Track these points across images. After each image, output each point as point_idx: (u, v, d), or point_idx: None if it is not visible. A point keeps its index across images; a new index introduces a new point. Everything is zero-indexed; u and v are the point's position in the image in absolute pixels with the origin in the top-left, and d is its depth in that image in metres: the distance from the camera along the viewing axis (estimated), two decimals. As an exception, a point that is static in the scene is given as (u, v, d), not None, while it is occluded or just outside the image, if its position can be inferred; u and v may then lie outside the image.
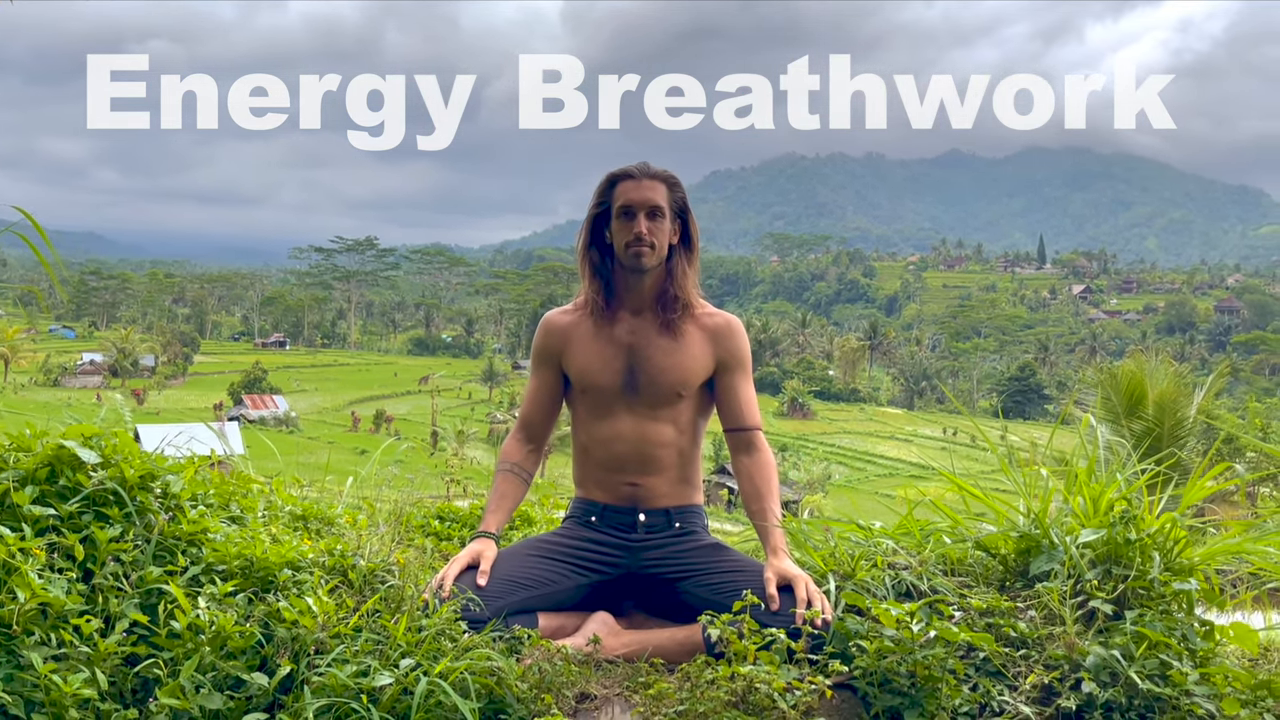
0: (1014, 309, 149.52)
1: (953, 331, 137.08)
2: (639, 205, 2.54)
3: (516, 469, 2.65)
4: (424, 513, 3.41)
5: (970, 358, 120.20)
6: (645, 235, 2.52)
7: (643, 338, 2.58)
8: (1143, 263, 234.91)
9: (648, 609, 2.54)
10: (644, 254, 2.53)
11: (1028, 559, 2.51)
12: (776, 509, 2.50)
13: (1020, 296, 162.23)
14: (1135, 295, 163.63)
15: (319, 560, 2.41)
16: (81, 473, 2.29)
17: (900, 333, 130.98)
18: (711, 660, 2.07)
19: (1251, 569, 2.57)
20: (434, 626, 2.11)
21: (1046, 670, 2.14)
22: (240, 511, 2.70)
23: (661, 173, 2.59)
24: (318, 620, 2.10)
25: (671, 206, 2.58)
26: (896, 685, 2.08)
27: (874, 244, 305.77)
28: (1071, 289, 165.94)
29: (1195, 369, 40.30)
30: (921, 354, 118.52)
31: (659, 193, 2.56)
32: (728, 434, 2.64)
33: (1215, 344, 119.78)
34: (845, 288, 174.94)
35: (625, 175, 2.58)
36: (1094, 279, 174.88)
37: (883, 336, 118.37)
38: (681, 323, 2.58)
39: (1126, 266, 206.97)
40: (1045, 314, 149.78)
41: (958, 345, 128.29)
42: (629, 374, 2.57)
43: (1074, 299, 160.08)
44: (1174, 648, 2.13)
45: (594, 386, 2.60)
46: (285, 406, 70.24)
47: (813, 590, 2.28)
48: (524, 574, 2.40)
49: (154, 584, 2.19)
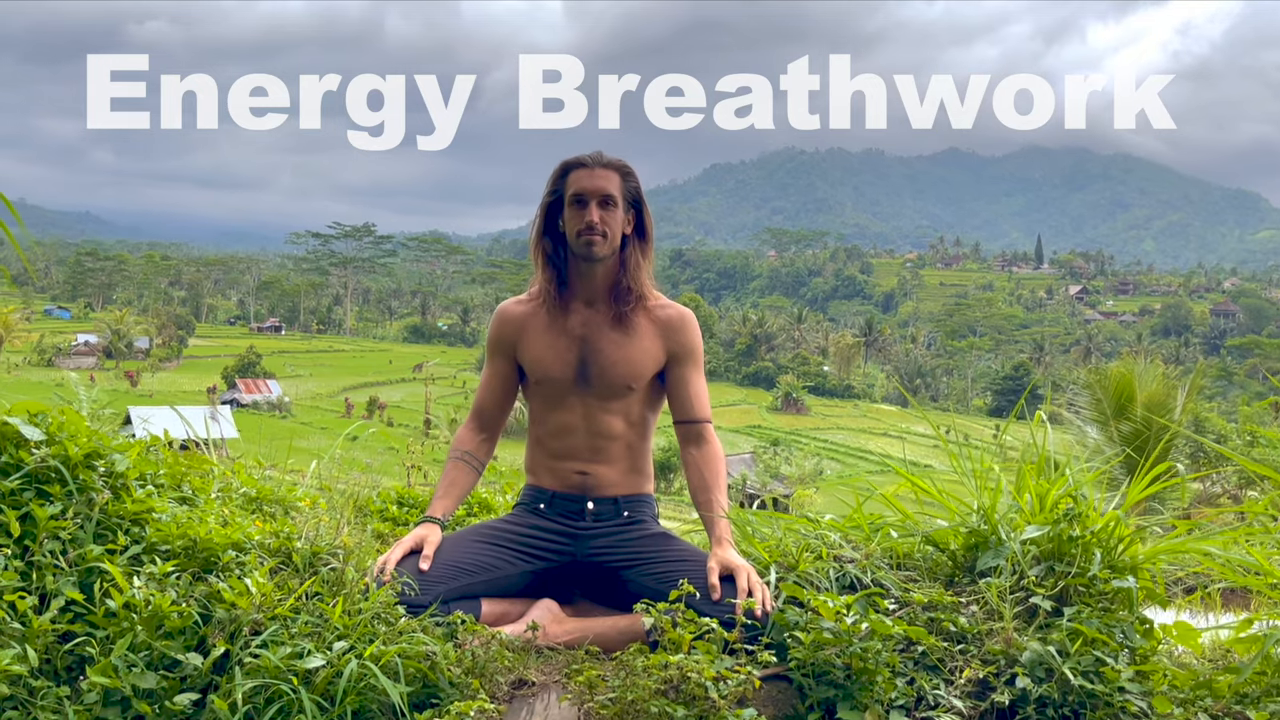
0: (1010, 308, 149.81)
1: (948, 330, 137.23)
2: (591, 194, 2.53)
3: (468, 457, 2.65)
4: (383, 497, 3.40)
5: (966, 356, 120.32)
6: (597, 224, 2.51)
7: (595, 330, 2.58)
8: (1140, 264, 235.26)
9: (594, 597, 2.54)
10: (595, 242, 2.52)
11: (976, 554, 2.52)
12: (723, 500, 2.50)
13: (1017, 296, 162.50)
14: (1131, 297, 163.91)
15: (263, 542, 2.41)
16: (24, 450, 2.28)
17: (896, 330, 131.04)
18: (646, 649, 2.07)
19: (1199, 569, 2.57)
20: (370, 609, 2.10)
21: (983, 665, 2.14)
22: (191, 492, 2.70)
23: (615, 162, 2.58)
24: (255, 601, 2.10)
25: (625, 196, 2.57)
26: (832, 677, 2.08)
27: (872, 240, 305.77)
28: (1068, 289, 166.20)
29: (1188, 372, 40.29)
30: (917, 351, 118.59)
31: (611, 181, 2.55)
32: (677, 425, 2.64)
33: (1210, 347, 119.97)
34: (842, 284, 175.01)
35: (578, 164, 2.57)
36: (1091, 280, 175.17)
37: (878, 333, 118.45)
38: (634, 315, 2.58)
39: (1123, 268, 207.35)
40: (1041, 314, 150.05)
41: (953, 344, 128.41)
42: (581, 366, 2.57)
43: (1070, 299, 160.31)
44: (1110, 645, 2.13)
45: (546, 378, 2.59)
46: (279, 391, 70.19)
47: (754, 581, 2.28)
48: (468, 559, 2.40)
49: (93, 562, 2.18)
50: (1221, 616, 2.70)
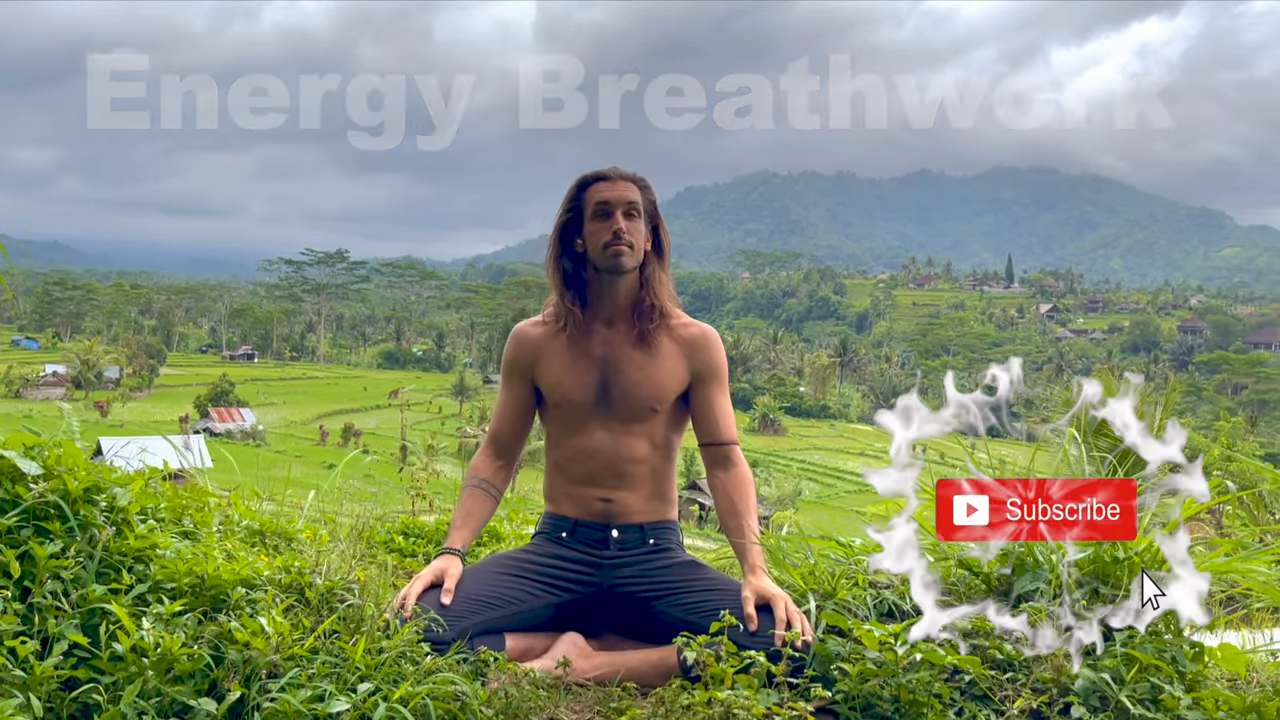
0: (982, 327, 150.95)
1: (922, 349, 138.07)
2: (615, 203, 2.45)
3: (485, 485, 2.54)
4: (388, 528, 3.29)
5: (939, 375, 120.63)
6: (624, 232, 2.43)
7: (616, 350, 2.49)
8: (1108, 282, 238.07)
9: (620, 629, 2.43)
10: (623, 253, 2.43)
11: (1011, 578, 2.44)
12: (754, 525, 2.40)
13: (988, 315, 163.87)
14: (1101, 315, 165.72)
15: (274, 578, 2.30)
16: (21, 484, 2.16)
17: (870, 350, 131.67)
18: (688, 684, 1.97)
19: (1239, 590, 2.51)
20: (394, 648, 1.99)
21: (1034, 694, 2.06)
22: (194, 526, 2.58)
23: (633, 175, 2.50)
24: (270, 642, 1.98)
25: (645, 209, 2.49)
26: (880, 710, 1.99)
27: (845, 261, 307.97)
28: (1039, 308, 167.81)
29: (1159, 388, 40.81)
30: (891, 371, 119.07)
31: (634, 192, 2.47)
32: (703, 448, 2.54)
33: (1179, 363, 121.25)
34: (816, 305, 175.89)
35: (598, 177, 2.49)
36: (1061, 298, 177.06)
37: (853, 353, 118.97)
38: (656, 334, 2.49)
39: (1092, 286, 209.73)
40: (1013, 332, 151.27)
41: (927, 363, 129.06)
42: (602, 388, 2.47)
43: (1041, 318, 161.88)
44: (1164, 670, 2.06)
45: (567, 401, 2.50)
46: (252, 420, 69.42)
47: (792, 610, 2.18)
48: (490, 593, 2.29)
49: (96, 603, 2.06)
50: (1259, 637, 2.63)
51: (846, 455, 77.34)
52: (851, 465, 71.48)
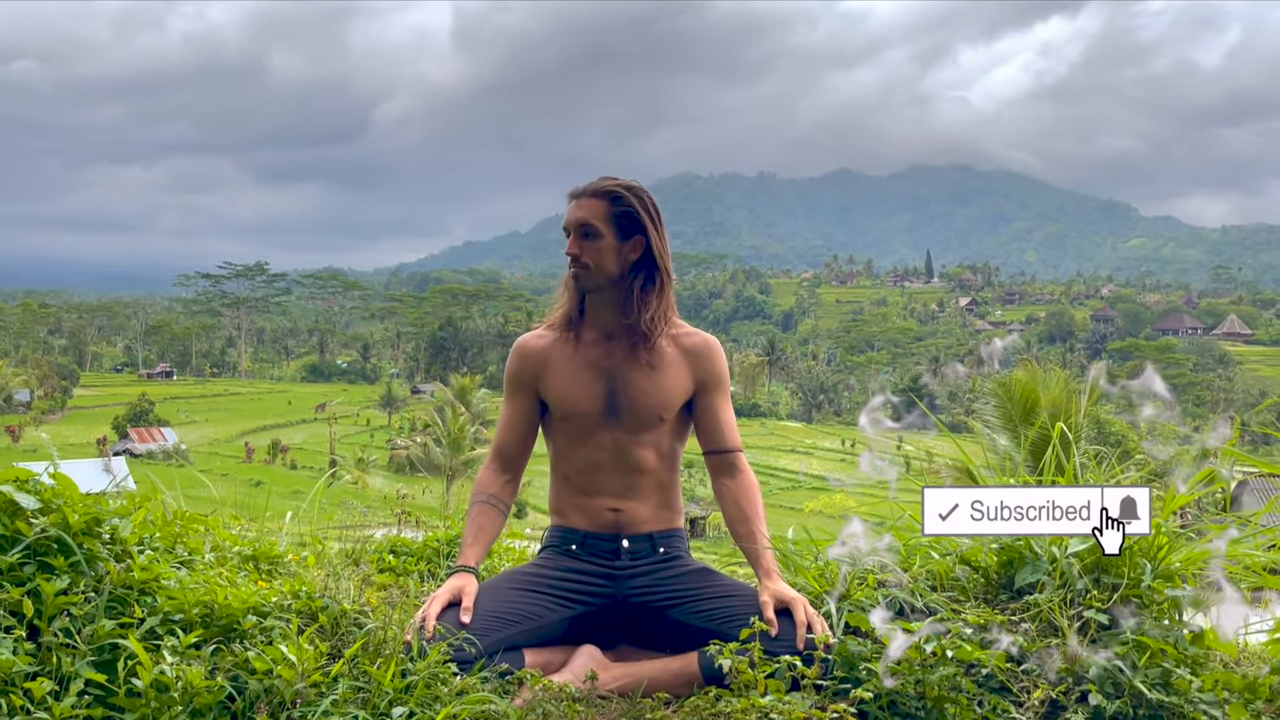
0: (904, 322, 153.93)
1: (847, 345, 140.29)
2: (570, 225, 2.48)
3: (494, 500, 2.52)
4: (375, 547, 3.24)
5: (865, 370, 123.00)
6: (578, 255, 2.45)
7: (621, 361, 2.49)
8: (1023, 275, 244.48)
9: (634, 640, 2.43)
10: (579, 275, 2.46)
11: (1010, 570, 2.50)
12: (765, 531, 2.43)
13: (910, 310, 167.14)
14: (1018, 306, 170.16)
15: (283, 604, 2.25)
16: (20, 519, 2.09)
17: (797, 348, 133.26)
18: (724, 692, 1.98)
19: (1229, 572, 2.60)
20: (423, 670, 1.97)
21: (1050, 684, 2.11)
22: (188, 554, 2.52)
23: (604, 187, 2.47)
24: (297, 669, 1.95)
25: (612, 222, 2.46)
26: (906, 708, 2.03)
27: (769, 261, 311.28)
28: (958, 301, 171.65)
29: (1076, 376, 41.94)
30: (818, 368, 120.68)
31: (593, 210, 2.45)
32: (708, 456, 2.56)
33: (1093, 351, 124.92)
34: (742, 305, 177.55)
35: (571, 194, 2.51)
36: (979, 291, 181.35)
37: (780, 352, 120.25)
38: (659, 344, 2.50)
39: (1008, 279, 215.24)
40: (934, 326, 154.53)
41: (852, 359, 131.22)
42: (610, 398, 2.47)
43: (961, 311, 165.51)
44: (1172, 654, 2.13)
45: (575, 412, 2.49)
46: (174, 439, 67.48)
47: (811, 613, 2.21)
48: (508, 609, 2.28)
49: (107, 638, 2.00)
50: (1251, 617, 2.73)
51: (778, 452, 78.13)
52: (784, 462, 72.30)
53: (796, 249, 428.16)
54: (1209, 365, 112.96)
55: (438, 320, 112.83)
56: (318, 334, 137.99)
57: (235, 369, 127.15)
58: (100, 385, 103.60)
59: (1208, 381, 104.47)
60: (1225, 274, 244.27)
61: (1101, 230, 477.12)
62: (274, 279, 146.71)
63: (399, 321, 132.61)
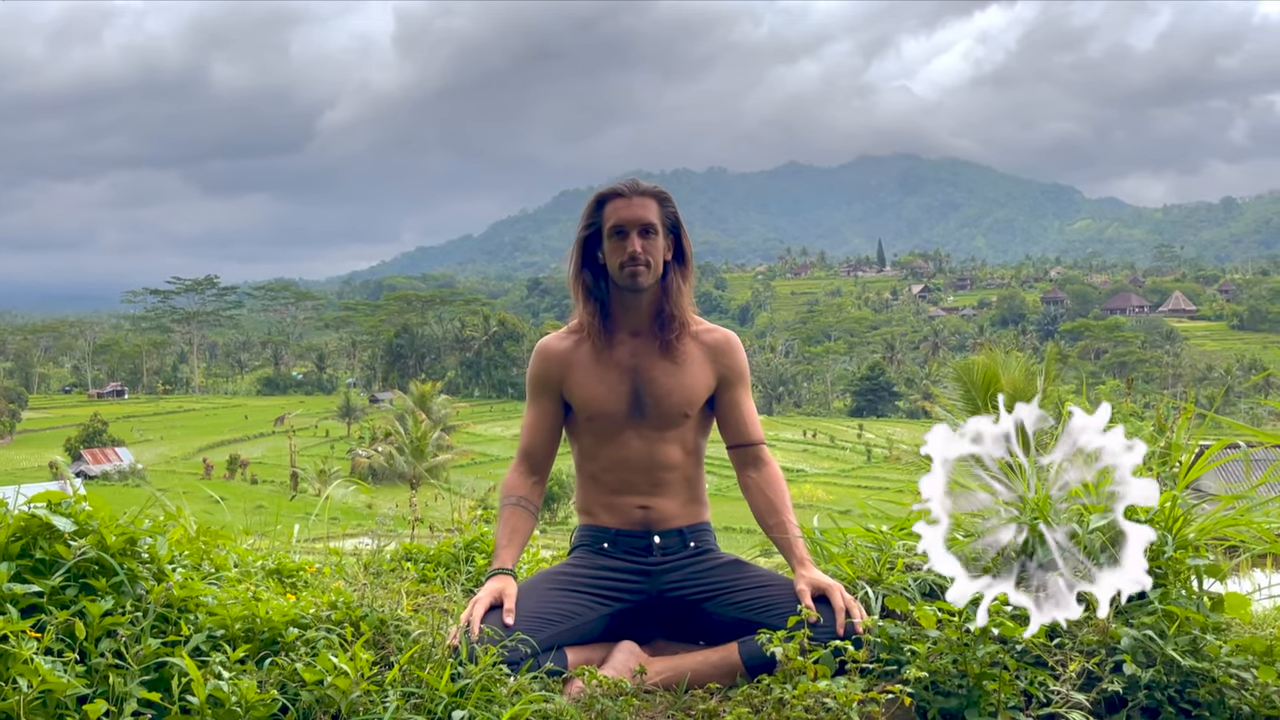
0: (859, 311, 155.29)
1: (804, 336, 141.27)
2: (631, 224, 2.48)
3: (524, 502, 2.54)
4: (391, 555, 3.24)
5: (823, 361, 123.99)
6: (640, 254, 2.46)
7: (645, 359, 2.52)
8: (974, 260, 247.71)
9: (669, 633, 2.47)
10: (640, 273, 2.47)
11: (1029, 548, 2.56)
12: (794, 520, 2.47)
13: (864, 299, 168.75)
14: (970, 292, 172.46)
15: (320, 615, 2.26)
16: (59, 543, 2.07)
17: (755, 340, 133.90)
18: (776, 679, 2.02)
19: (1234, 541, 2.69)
20: (478, 673, 1.99)
21: (1084, 657, 2.17)
22: (214, 570, 2.51)
23: (651, 189, 2.53)
24: (352, 679, 1.95)
25: (664, 223, 2.53)
26: (948, 686, 2.07)
27: (723, 256, 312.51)
28: (911, 289, 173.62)
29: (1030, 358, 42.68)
30: (777, 360, 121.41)
31: (650, 209, 2.50)
32: (732, 450, 2.60)
33: (1044, 333, 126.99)
34: (699, 300, 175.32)
35: (614, 194, 2.51)
36: (931, 278, 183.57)
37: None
38: (681, 341, 2.53)
39: (959, 265, 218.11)
40: (889, 314, 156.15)
41: (810, 349, 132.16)
42: (635, 397, 2.50)
43: (914, 299, 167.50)
44: (1197, 620, 2.20)
45: (601, 413, 2.52)
46: (130, 459, 66.31)
47: (848, 598, 2.26)
48: (549, 609, 2.30)
49: (153, 657, 1.99)
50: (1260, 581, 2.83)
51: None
52: (747, 456, 72.37)
53: (750, 243, 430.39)
54: (1156, 342, 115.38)
55: (393, 328, 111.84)
56: (271, 346, 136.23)
57: (188, 385, 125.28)
58: (49, 407, 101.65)
59: (1156, 358, 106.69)
60: (1168, 252, 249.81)
61: (1047, 214, 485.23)
62: (224, 292, 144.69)
63: (354, 330, 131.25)
